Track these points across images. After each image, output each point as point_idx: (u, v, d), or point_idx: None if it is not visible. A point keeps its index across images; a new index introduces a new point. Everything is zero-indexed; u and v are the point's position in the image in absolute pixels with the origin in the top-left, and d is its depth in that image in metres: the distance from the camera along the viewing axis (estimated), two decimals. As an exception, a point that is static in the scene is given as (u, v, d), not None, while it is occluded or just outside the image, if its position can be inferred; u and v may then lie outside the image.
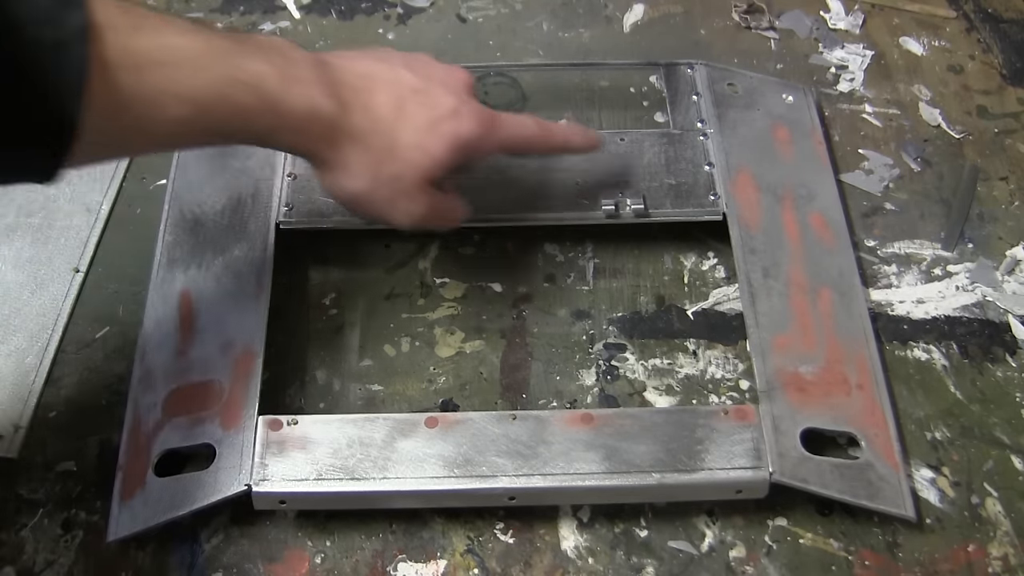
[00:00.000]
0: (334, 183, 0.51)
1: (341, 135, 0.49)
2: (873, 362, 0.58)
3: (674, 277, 0.66)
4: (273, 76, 0.46)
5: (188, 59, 0.42)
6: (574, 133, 0.60)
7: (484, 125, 0.52)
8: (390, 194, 0.51)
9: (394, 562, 0.54)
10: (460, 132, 0.51)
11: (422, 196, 0.52)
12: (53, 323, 0.63)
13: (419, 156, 0.50)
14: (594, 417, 0.55)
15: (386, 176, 0.50)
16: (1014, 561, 0.54)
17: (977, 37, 0.81)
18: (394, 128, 0.50)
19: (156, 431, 0.55)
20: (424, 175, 0.51)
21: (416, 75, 0.52)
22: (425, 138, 0.50)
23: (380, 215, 0.52)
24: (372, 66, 0.51)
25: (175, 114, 0.42)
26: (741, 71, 0.74)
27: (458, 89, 0.53)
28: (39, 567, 0.53)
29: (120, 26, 0.40)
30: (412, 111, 0.50)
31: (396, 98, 0.50)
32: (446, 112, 0.51)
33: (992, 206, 0.70)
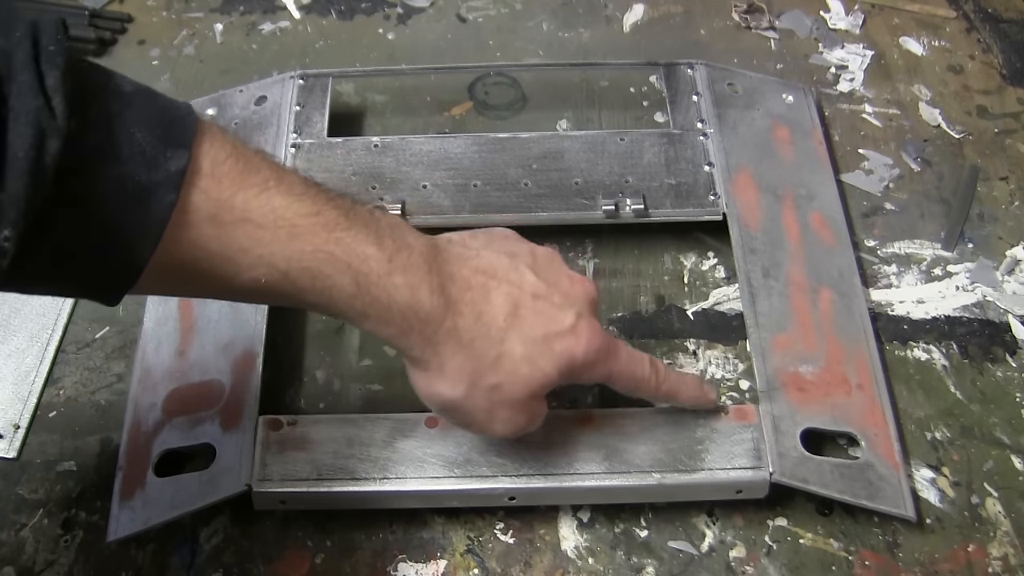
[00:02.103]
0: (427, 386, 0.45)
1: (442, 336, 0.43)
2: (873, 362, 0.58)
3: (674, 277, 0.66)
4: (378, 259, 0.41)
5: (285, 223, 0.39)
6: (686, 388, 0.53)
7: (601, 352, 0.47)
8: (488, 404, 0.45)
9: (394, 562, 0.54)
10: (575, 353, 0.46)
11: (524, 409, 0.47)
12: (53, 323, 0.63)
13: (527, 370, 0.45)
14: (594, 417, 0.55)
15: (486, 386, 0.45)
16: (1014, 561, 0.54)
17: (977, 37, 0.81)
18: (505, 336, 0.44)
19: (156, 431, 0.55)
20: (531, 389, 0.45)
21: (540, 279, 0.46)
22: (537, 352, 0.45)
23: (475, 425, 0.47)
24: (494, 261, 0.46)
25: (253, 276, 0.39)
26: (741, 71, 0.74)
27: (582, 303, 0.47)
28: (39, 567, 0.53)
29: (223, 175, 0.37)
30: (529, 320, 0.45)
31: (513, 303, 0.45)
32: (565, 328, 0.45)
33: (992, 206, 0.70)
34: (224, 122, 0.70)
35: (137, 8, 0.84)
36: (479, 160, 0.67)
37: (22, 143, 0.31)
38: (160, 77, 0.78)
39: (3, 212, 0.31)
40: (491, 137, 0.68)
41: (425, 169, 0.66)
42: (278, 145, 0.67)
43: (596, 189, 0.65)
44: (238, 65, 0.79)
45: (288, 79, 0.71)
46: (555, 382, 0.46)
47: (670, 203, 0.64)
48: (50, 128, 0.32)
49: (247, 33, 0.82)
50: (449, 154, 0.67)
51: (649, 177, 0.66)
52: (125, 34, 0.82)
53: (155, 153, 0.35)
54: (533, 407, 0.47)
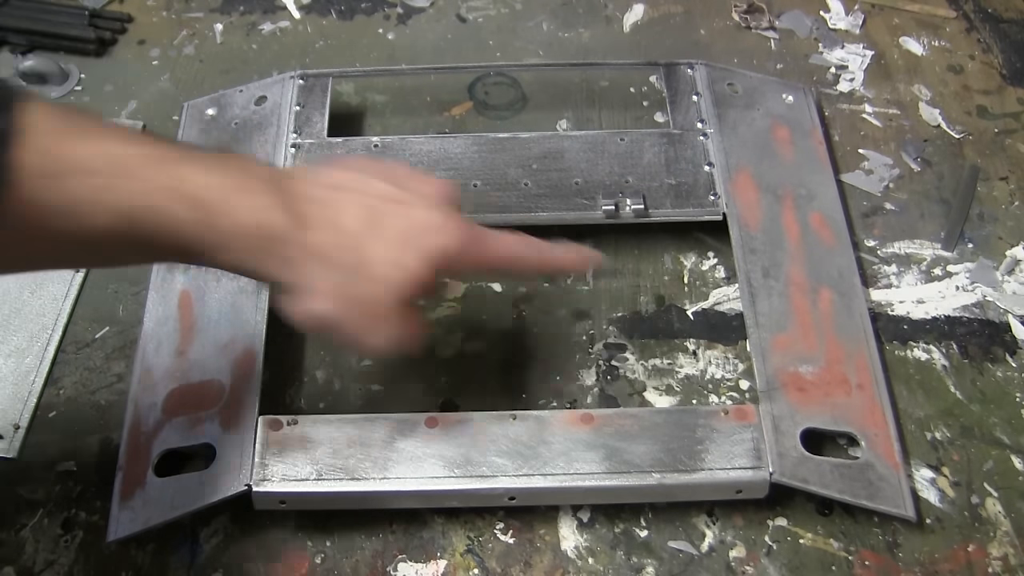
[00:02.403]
0: (301, 308, 0.44)
1: (300, 253, 0.43)
2: (873, 362, 0.58)
3: (674, 277, 0.66)
4: (218, 188, 0.41)
5: (121, 167, 0.39)
6: (569, 257, 0.53)
7: (471, 240, 0.46)
8: (363, 318, 0.45)
9: (394, 562, 0.54)
10: (443, 247, 0.45)
11: (400, 317, 0.45)
12: (53, 323, 0.63)
13: (395, 272, 0.44)
14: (594, 417, 0.55)
15: (356, 295, 0.44)
16: (1014, 561, 0.54)
17: (977, 37, 0.81)
18: (365, 243, 0.44)
19: (156, 431, 0.55)
20: (402, 294, 0.44)
21: (394, 185, 0.46)
22: (401, 253, 0.44)
23: (353, 340, 0.46)
24: (343, 176, 0.46)
25: (100, 224, 0.38)
26: (741, 71, 0.74)
27: (441, 200, 0.47)
28: (39, 567, 0.53)
29: (51, 131, 0.37)
30: (387, 223, 0.44)
31: (368, 210, 0.45)
32: (430, 225, 0.45)
33: (992, 206, 0.70)
34: (224, 122, 0.70)
35: (137, 8, 0.84)
36: (479, 160, 0.67)
37: None
38: (160, 77, 0.78)
39: None
40: (491, 137, 0.68)
41: (425, 169, 0.66)
42: (278, 145, 0.67)
43: (596, 189, 0.65)
44: (238, 65, 0.79)
45: (288, 79, 0.71)
46: (427, 279, 0.45)
47: (670, 203, 0.64)
48: None
49: (247, 33, 0.82)
50: (449, 154, 0.67)
51: (649, 177, 0.66)
52: (125, 34, 0.82)
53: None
54: (408, 315, 0.46)
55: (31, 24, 0.79)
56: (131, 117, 0.75)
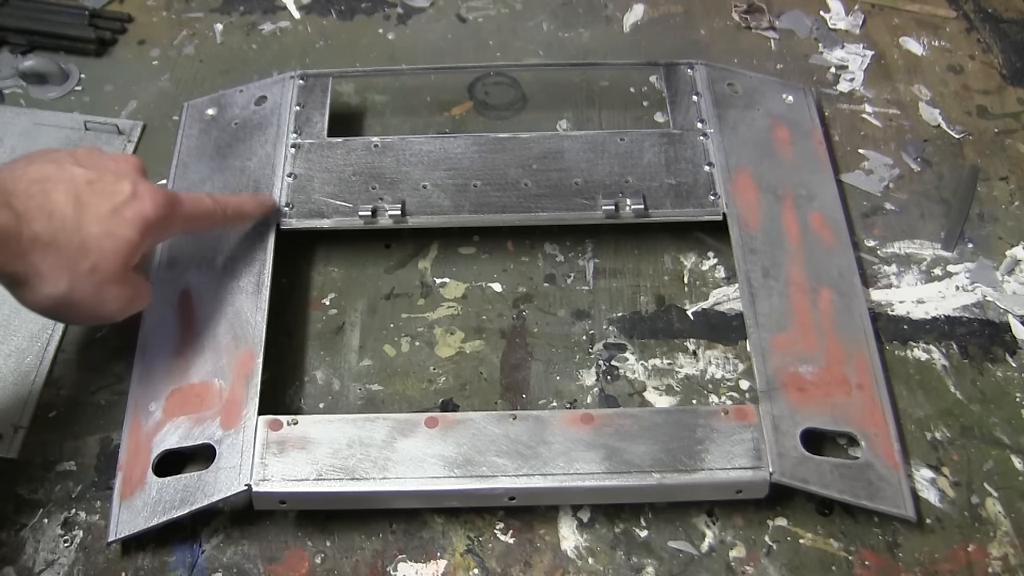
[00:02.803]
0: (34, 296, 0.49)
1: (26, 245, 0.47)
2: (873, 362, 0.58)
3: (674, 277, 0.66)
4: None
5: None
6: (245, 202, 0.61)
7: (165, 205, 0.53)
8: (93, 288, 0.50)
9: (394, 562, 0.54)
10: (145, 213, 0.51)
11: (126, 281, 0.51)
12: (53, 323, 0.63)
13: (112, 243, 0.50)
14: (594, 417, 0.55)
15: (83, 271, 0.49)
16: (1014, 561, 0.54)
17: (977, 37, 0.81)
18: (79, 224, 0.49)
19: (156, 431, 0.55)
20: (122, 260, 0.50)
21: (87, 168, 0.51)
22: (113, 225, 0.50)
23: (89, 312, 0.51)
24: (42, 169, 0.50)
25: None
26: (741, 71, 0.74)
27: (132, 173, 0.53)
28: (39, 567, 0.53)
29: None
30: (92, 202, 0.50)
31: (74, 195, 0.49)
32: (126, 197, 0.51)
33: (992, 206, 0.70)
34: (224, 122, 0.70)
35: (137, 8, 0.84)
36: (479, 160, 0.67)
37: None
38: (160, 77, 0.78)
39: None
40: (491, 137, 0.68)
41: (425, 169, 0.66)
42: (278, 145, 0.67)
43: (596, 189, 0.65)
44: (238, 65, 0.79)
45: (288, 79, 0.71)
46: (141, 245, 0.51)
47: (670, 203, 0.64)
48: None
49: (247, 33, 0.82)
50: (449, 154, 0.67)
51: (649, 177, 0.66)
52: (125, 34, 0.82)
53: None
54: (132, 279, 0.52)
55: (31, 24, 0.79)
56: (131, 117, 0.75)
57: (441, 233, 0.67)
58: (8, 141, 0.72)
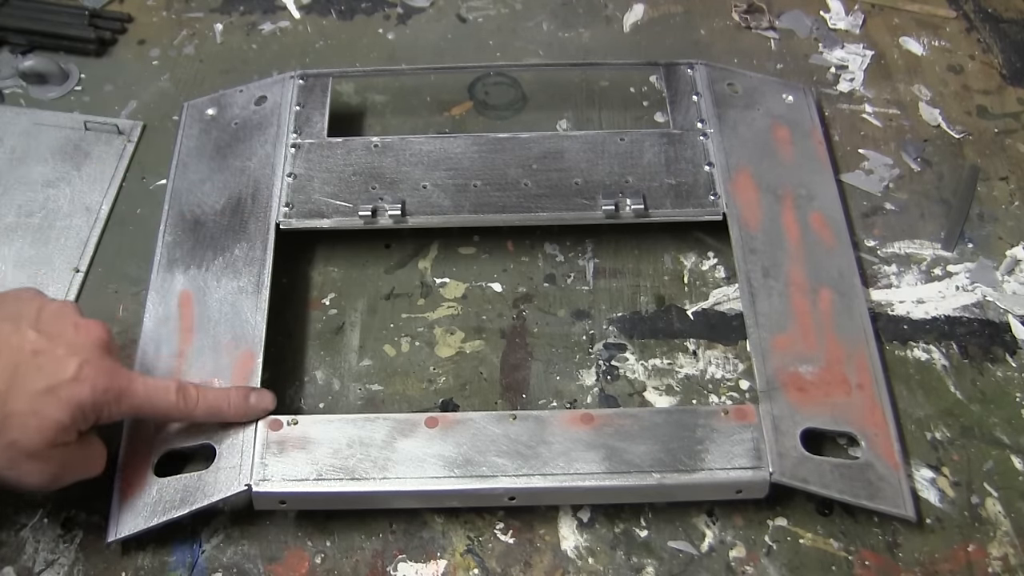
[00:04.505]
0: None
1: None
2: (873, 362, 0.58)
3: (674, 277, 0.66)
4: None
5: None
6: (229, 404, 0.54)
7: (110, 392, 0.49)
8: (9, 461, 0.47)
9: (394, 562, 0.54)
10: (82, 398, 0.48)
11: (46, 458, 0.48)
12: (53, 323, 0.63)
13: (36, 422, 0.47)
14: (594, 417, 0.55)
15: (2, 444, 0.47)
16: (1014, 561, 0.54)
17: (977, 37, 0.81)
18: (6, 397, 0.46)
19: (156, 431, 0.55)
20: (43, 439, 0.47)
21: (42, 335, 0.49)
22: (41, 404, 0.47)
23: (7, 481, 0.49)
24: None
25: None
26: (741, 71, 0.74)
27: (88, 349, 0.49)
28: (39, 567, 0.53)
29: None
30: (30, 376, 0.47)
31: (13, 364, 0.47)
32: (68, 377, 0.48)
33: (992, 206, 0.70)
34: (224, 122, 0.70)
35: (137, 8, 0.84)
36: (479, 160, 0.67)
37: None
38: (160, 77, 0.78)
39: None
40: (491, 137, 0.68)
41: (425, 169, 0.66)
42: (278, 145, 0.67)
43: (596, 189, 0.65)
44: (238, 65, 0.79)
45: (288, 79, 0.71)
46: (71, 427, 0.48)
47: (670, 203, 0.64)
48: None
49: (247, 33, 0.82)
50: (449, 154, 0.67)
51: (649, 177, 0.66)
52: (125, 34, 0.82)
53: None
54: (60, 455, 0.49)
55: (31, 24, 0.79)
56: (131, 117, 0.75)
57: (441, 233, 0.67)
58: (8, 141, 0.72)
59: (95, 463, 0.52)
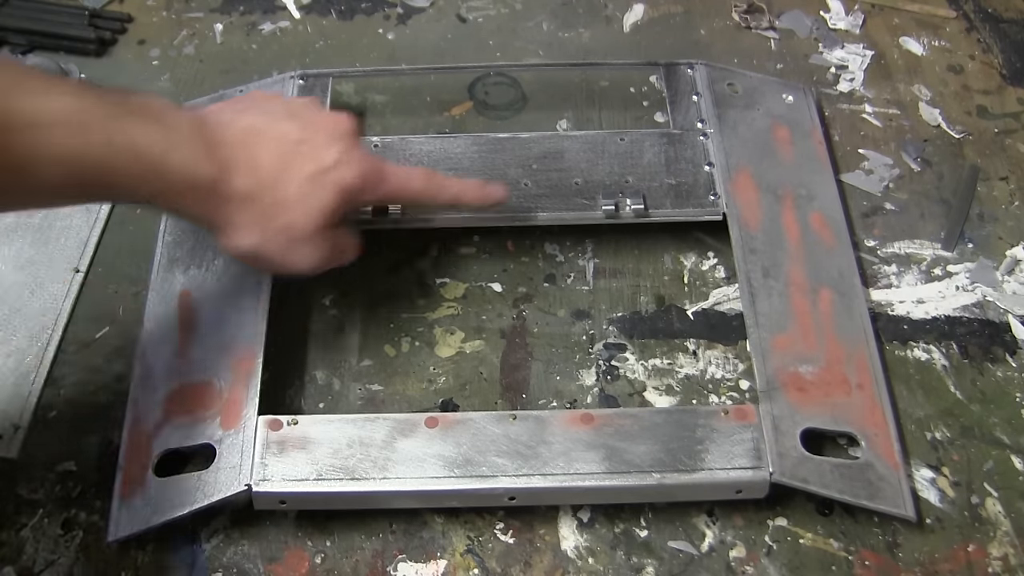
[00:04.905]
0: (228, 243, 0.51)
1: (224, 197, 0.49)
2: (873, 362, 0.58)
3: (674, 277, 0.66)
4: (153, 141, 0.45)
5: (66, 122, 0.41)
6: (468, 190, 0.59)
7: (368, 176, 0.53)
8: (284, 244, 0.51)
9: (394, 562, 0.54)
10: (345, 181, 0.51)
11: (318, 240, 0.52)
12: (53, 323, 0.63)
13: (308, 204, 0.51)
14: (594, 417, 0.55)
15: (277, 228, 0.50)
16: (1014, 561, 0.54)
17: (977, 37, 0.81)
18: (279, 182, 0.50)
19: (156, 431, 0.55)
20: (316, 222, 0.51)
21: (300, 126, 0.52)
22: (311, 188, 0.51)
23: (279, 265, 0.53)
24: (255, 120, 0.51)
25: (50, 176, 0.42)
26: (741, 71, 0.74)
27: (342, 137, 0.53)
28: (39, 567, 0.53)
29: (4, 87, 0.40)
30: (297, 164, 0.50)
31: (280, 153, 0.50)
32: (330, 162, 0.51)
33: (992, 206, 0.70)
34: (224, 122, 0.70)
35: (137, 8, 0.84)
36: (479, 160, 0.67)
37: None
38: (160, 77, 0.78)
39: None
40: (491, 137, 0.68)
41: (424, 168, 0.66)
42: (278, 145, 0.67)
43: (596, 189, 0.65)
44: (238, 65, 0.79)
45: (288, 79, 0.71)
46: (337, 209, 0.52)
47: (670, 203, 0.64)
48: None
49: (247, 33, 0.82)
50: (449, 154, 0.67)
51: (649, 177, 0.66)
52: (125, 34, 0.82)
53: None
54: (329, 237, 0.53)
55: (31, 24, 0.79)
56: (131, 117, 0.75)
57: (441, 233, 0.67)
58: (8, 141, 0.72)
59: (351, 250, 0.56)
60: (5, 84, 0.40)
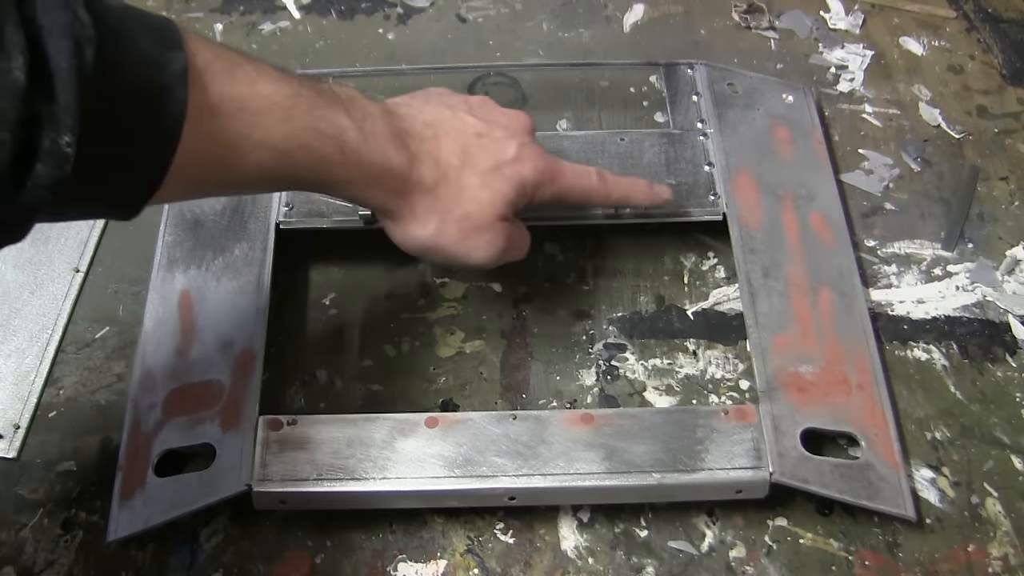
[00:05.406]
0: (404, 233, 0.52)
1: (410, 186, 0.50)
2: (873, 362, 0.58)
3: (674, 277, 0.66)
4: (352, 129, 0.46)
5: (276, 107, 0.43)
6: (638, 190, 0.60)
7: (545, 172, 0.53)
8: (460, 235, 0.51)
9: (394, 562, 0.54)
10: (523, 175, 0.52)
11: (496, 230, 0.52)
12: (53, 323, 0.63)
13: (487, 195, 0.51)
14: (594, 417, 0.55)
15: (455, 217, 0.51)
16: (1014, 561, 0.54)
17: (977, 37, 0.81)
18: (460, 174, 0.51)
19: (156, 431, 0.55)
20: (494, 212, 0.51)
21: (479, 119, 0.53)
22: (491, 180, 0.51)
23: (455, 256, 0.52)
24: (437, 113, 0.52)
25: (257, 160, 0.43)
26: (741, 71, 0.74)
27: (519, 133, 0.54)
28: (39, 567, 0.53)
29: (217, 71, 0.40)
30: (477, 156, 0.51)
31: (461, 144, 0.51)
32: (510, 156, 0.52)
33: (992, 206, 0.70)
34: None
35: (137, 8, 0.83)
36: (479, 160, 0.66)
37: (64, 55, 0.33)
38: (160, 77, 0.78)
39: (60, 121, 0.33)
40: (491, 137, 0.68)
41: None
42: (278, 145, 0.67)
43: (596, 189, 0.65)
44: (238, 65, 0.79)
45: (288, 79, 0.71)
46: (515, 202, 0.52)
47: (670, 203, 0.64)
48: (83, 37, 0.34)
49: (247, 33, 0.82)
50: (449, 154, 0.67)
51: (649, 177, 0.66)
52: (125, 34, 0.82)
53: (158, 55, 0.38)
54: (506, 229, 0.53)
55: (31, 24, 0.79)
56: (131, 117, 0.75)
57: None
58: (8, 141, 0.72)
59: (525, 244, 0.56)
60: (218, 68, 0.40)
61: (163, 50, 0.38)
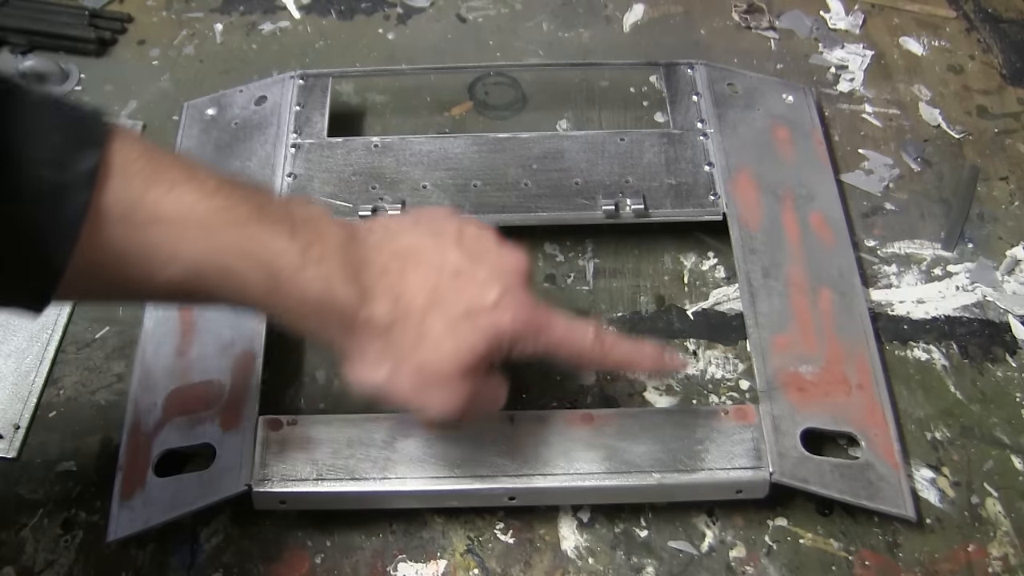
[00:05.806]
0: (352, 374, 0.45)
1: (359, 324, 0.43)
2: (873, 362, 0.58)
3: (674, 277, 0.66)
4: (290, 253, 0.41)
5: (195, 221, 0.38)
6: (644, 358, 0.50)
7: (529, 325, 0.46)
8: (415, 385, 0.44)
9: (394, 562, 0.54)
10: (500, 326, 0.45)
11: (455, 386, 0.45)
12: (53, 323, 0.63)
13: (450, 345, 0.44)
14: (594, 417, 0.55)
15: (410, 366, 0.44)
16: (1014, 561, 0.54)
17: (977, 37, 0.81)
18: (425, 318, 0.44)
19: (156, 431, 0.55)
20: (457, 365, 0.44)
21: (464, 256, 0.46)
22: (460, 328, 0.44)
23: (411, 408, 0.46)
24: (415, 243, 0.45)
25: (168, 276, 0.39)
26: (741, 71, 0.74)
27: (510, 277, 0.46)
28: (39, 567, 0.53)
29: (134, 173, 0.37)
30: (449, 297, 0.44)
31: (433, 282, 0.44)
32: (488, 303, 0.44)
33: (992, 206, 0.70)
34: (224, 122, 0.70)
35: (137, 8, 0.84)
36: (479, 160, 0.67)
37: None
38: (160, 77, 0.78)
39: None
40: (491, 137, 0.68)
41: (425, 169, 0.66)
42: (278, 145, 0.67)
43: (596, 189, 0.65)
44: (238, 65, 0.79)
45: (288, 79, 0.71)
46: (485, 356, 0.45)
47: (670, 203, 0.64)
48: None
49: (247, 33, 0.82)
50: (449, 154, 0.67)
51: (649, 177, 0.66)
52: (125, 34, 0.82)
53: (66, 155, 0.35)
54: (470, 385, 0.45)
55: (31, 24, 0.79)
56: (131, 117, 0.75)
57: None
58: (8, 141, 0.72)
59: (498, 400, 0.49)
60: (136, 171, 0.37)
61: (75, 149, 0.35)
